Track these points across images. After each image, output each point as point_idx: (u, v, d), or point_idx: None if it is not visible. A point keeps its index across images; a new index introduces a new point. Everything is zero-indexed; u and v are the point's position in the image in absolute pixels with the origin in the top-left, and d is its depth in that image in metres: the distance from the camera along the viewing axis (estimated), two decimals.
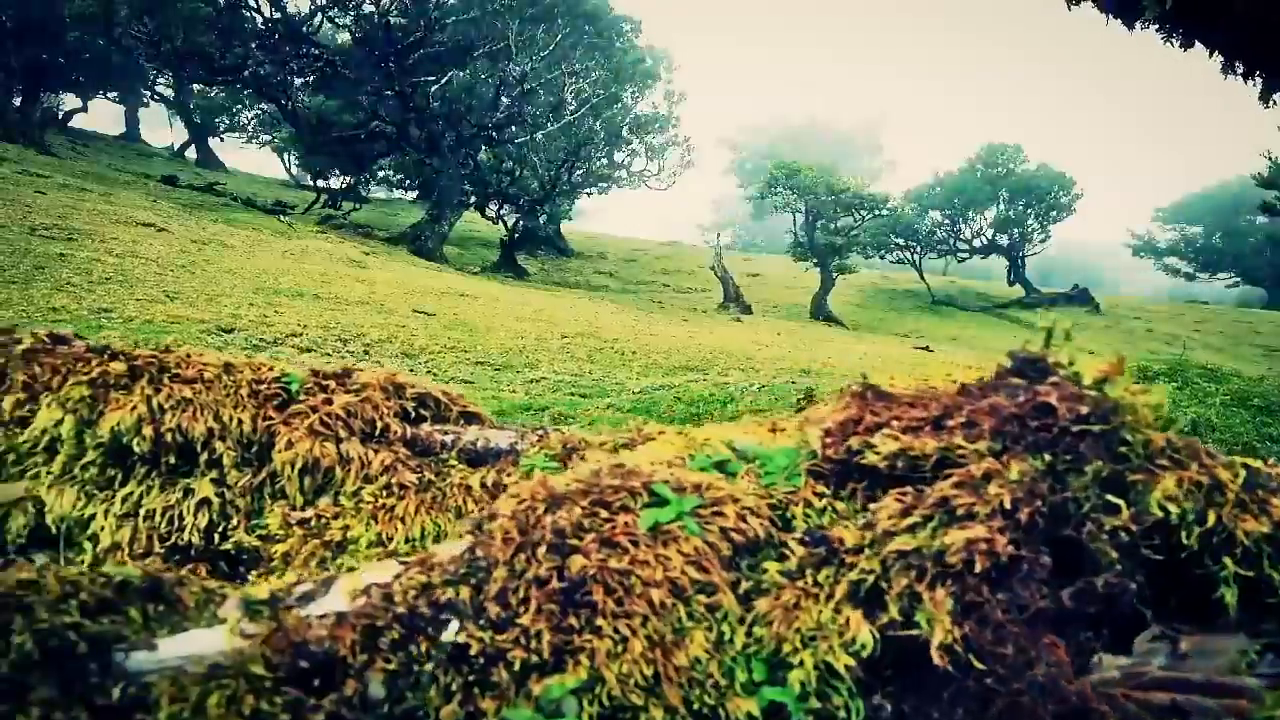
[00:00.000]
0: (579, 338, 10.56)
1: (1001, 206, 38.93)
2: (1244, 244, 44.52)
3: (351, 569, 0.77)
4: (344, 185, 32.70)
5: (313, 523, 0.92)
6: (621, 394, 6.60)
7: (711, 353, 10.57)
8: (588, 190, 38.48)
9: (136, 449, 0.91)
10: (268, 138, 38.06)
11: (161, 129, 51.08)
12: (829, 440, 0.97)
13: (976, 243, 40.09)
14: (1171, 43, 4.94)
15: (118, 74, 33.75)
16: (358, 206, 32.33)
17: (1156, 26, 4.83)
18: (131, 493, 0.90)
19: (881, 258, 37.50)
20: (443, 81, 26.21)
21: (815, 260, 30.14)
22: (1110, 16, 5.13)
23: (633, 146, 39.08)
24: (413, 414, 1.04)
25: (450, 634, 0.72)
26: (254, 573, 0.90)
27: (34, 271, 9.27)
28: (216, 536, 0.90)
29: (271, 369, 1.03)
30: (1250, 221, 45.38)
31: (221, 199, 27.82)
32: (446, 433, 1.02)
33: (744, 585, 0.82)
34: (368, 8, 25.80)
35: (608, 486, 0.81)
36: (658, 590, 0.75)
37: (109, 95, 41.69)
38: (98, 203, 17.23)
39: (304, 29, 25.73)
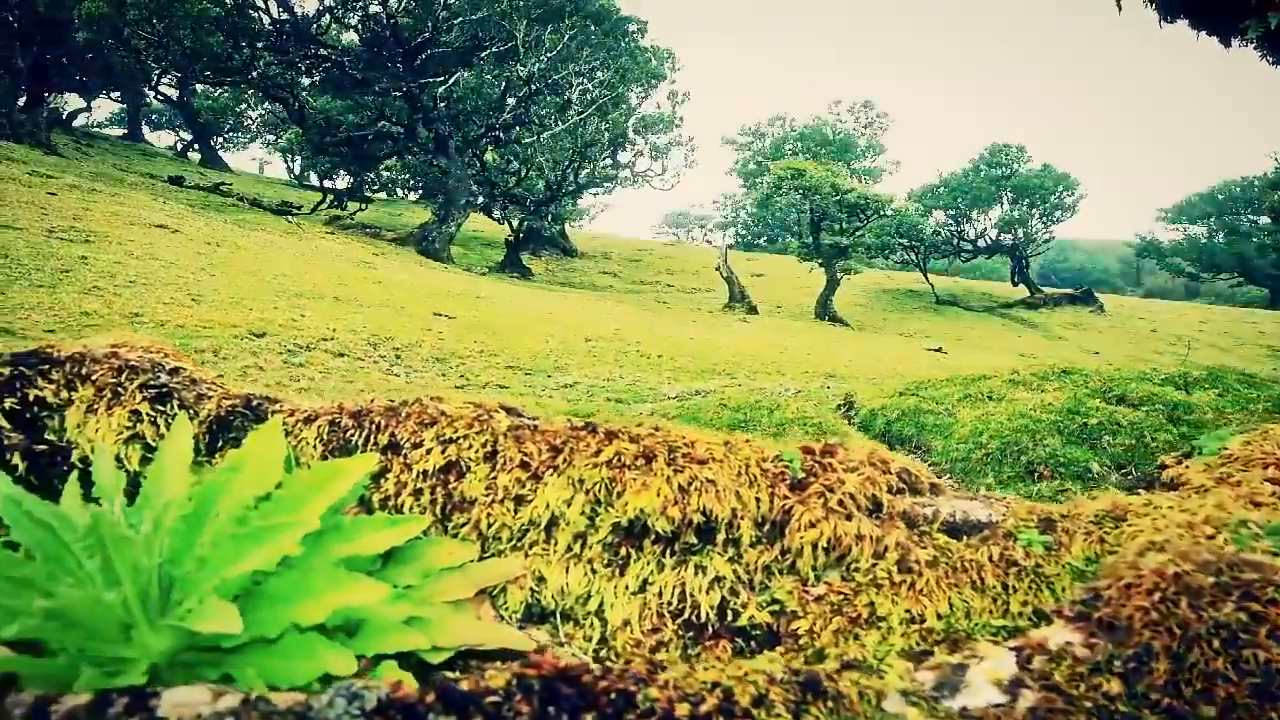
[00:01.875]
0: (602, 341, 10.57)
1: (1005, 206, 38.99)
2: (1247, 244, 44.58)
3: (953, 659, 0.75)
4: (350, 185, 32.69)
5: (830, 599, 0.92)
6: (659, 400, 6.61)
7: (735, 355, 10.58)
8: (593, 190, 38.49)
9: (657, 529, 0.92)
10: (272, 137, 38.01)
11: (162, 129, 51.00)
12: None
13: (980, 243, 40.16)
14: (1267, 60, 4.93)
15: (121, 74, 33.70)
16: (363, 207, 32.33)
17: (1254, 46, 4.83)
18: (642, 570, 0.90)
19: (886, 258, 37.51)
20: (450, 82, 26.21)
21: (820, 261, 30.15)
22: (1203, 35, 5.12)
23: (637, 146, 39.13)
24: (895, 488, 1.04)
25: None
26: (778, 649, 0.90)
27: (60, 275, 9.26)
28: (729, 613, 0.90)
29: (769, 450, 1.00)
30: (1253, 222, 45.46)
31: (228, 199, 27.81)
32: (926, 505, 1.02)
33: None
34: (375, 8, 25.78)
35: (1255, 579, 0.77)
36: None
37: (112, 95, 41.63)
38: (109, 204, 17.21)
39: (312, 29, 25.71)
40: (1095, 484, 5.21)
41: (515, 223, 32.50)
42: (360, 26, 26.63)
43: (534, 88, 26.73)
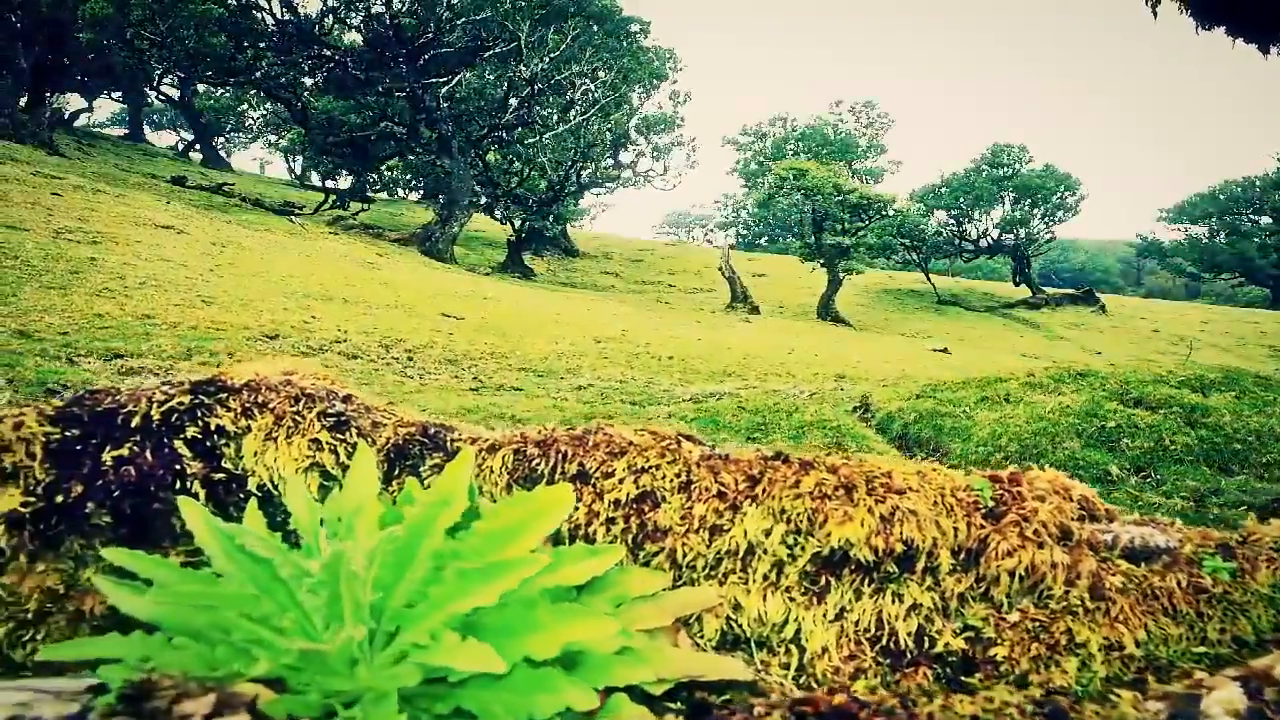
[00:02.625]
0: (612, 342, 10.57)
1: (1007, 206, 39.01)
2: (1248, 244, 44.61)
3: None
4: (352, 186, 32.67)
5: (1025, 625, 0.93)
6: (674, 402, 6.62)
7: (744, 356, 10.58)
8: (595, 190, 38.52)
9: (858, 558, 0.92)
10: (274, 138, 37.99)
11: (163, 129, 50.98)
12: None
13: (982, 243, 40.18)
14: None
15: (123, 74, 33.67)
16: (365, 207, 32.33)
17: None
18: (840, 598, 0.91)
19: (887, 258, 37.52)
20: (453, 82, 26.20)
21: (823, 261, 30.15)
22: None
23: (639, 146, 39.14)
24: (1078, 515, 1.05)
25: None
26: (976, 675, 0.90)
27: (70, 276, 9.26)
28: (925, 640, 0.91)
29: (960, 481, 1.00)
30: (1254, 222, 45.50)
31: (231, 199, 27.80)
32: (1104, 531, 1.02)
33: None
34: (377, 9, 25.76)
35: None
36: None
37: (113, 95, 41.61)
38: (114, 204, 17.19)
39: (315, 30, 25.70)
40: (1115, 487, 5.22)
41: (517, 223, 32.50)
42: (363, 27, 26.62)
43: (537, 88, 26.72)
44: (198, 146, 44.51)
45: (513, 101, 27.45)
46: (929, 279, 37.38)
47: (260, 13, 24.98)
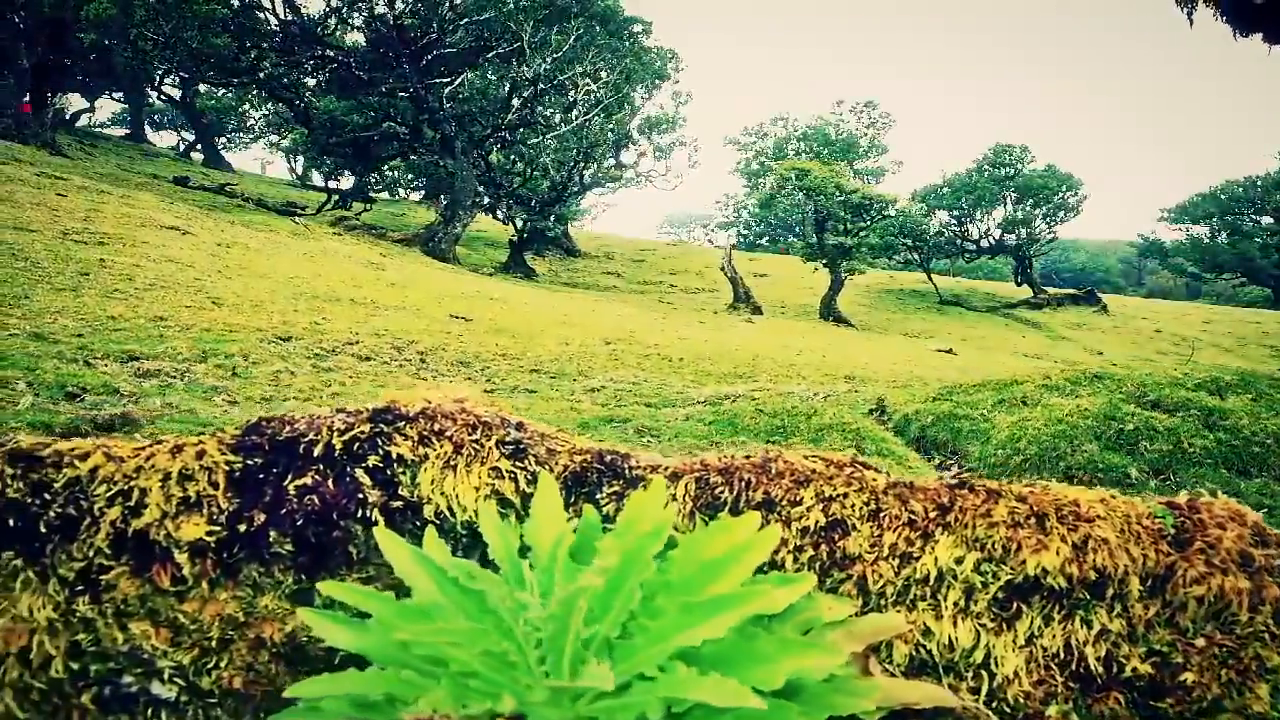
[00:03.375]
0: (621, 343, 10.57)
1: (1009, 207, 39.05)
2: (1250, 244, 44.64)
3: None
4: (354, 186, 32.67)
5: (1212, 651, 0.93)
6: (689, 404, 6.62)
7: (753, 357, 10.59)
8: (598, 190, 38.54)
9: (1051, 585, 0.93)
10: (275, 138, 37.98)
11: (164, 129, 50.94)
12: None
13: (984, 243, 40.22)
14: None
15: (124, 74, 33.66)
16: (368, 207, 32.33)
17: None
18: (1029, 624, 0.92)
19: (889, 258, 37.54)
20: (456, 83, 26.20)
21: (825, 261, 30.16)
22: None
23: (640, 147, 39.16)
24: (1254, 541, 1.06)
25: None
26: (1167, 700, 0.91)
27: (80, 278, 9.25)
28: (1113, 665, 0.92)
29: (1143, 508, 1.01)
30: (1256, 222, 45.53)
31: (233, 200, 27.80)
32: (1275, 557, 1.03)
33: None
34: (380, 9, 25.76)
35: None
36: None
37: (115, 95, 41.59)
38: (119, 205, 17.18)
39: (318, 30, 25.69)
40: (1135, 490, 5.22)
41: (519, 223, 32.50)
42: (366, 27, 26.62)
43: (539, 88, 26.73)
44: (199, 147, 44.51)
45: (515, 102, 27.45)
46: (930, 279, 37.41)
47: (263, 13, 24.98)
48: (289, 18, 25.01)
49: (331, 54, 25.87)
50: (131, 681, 0.82)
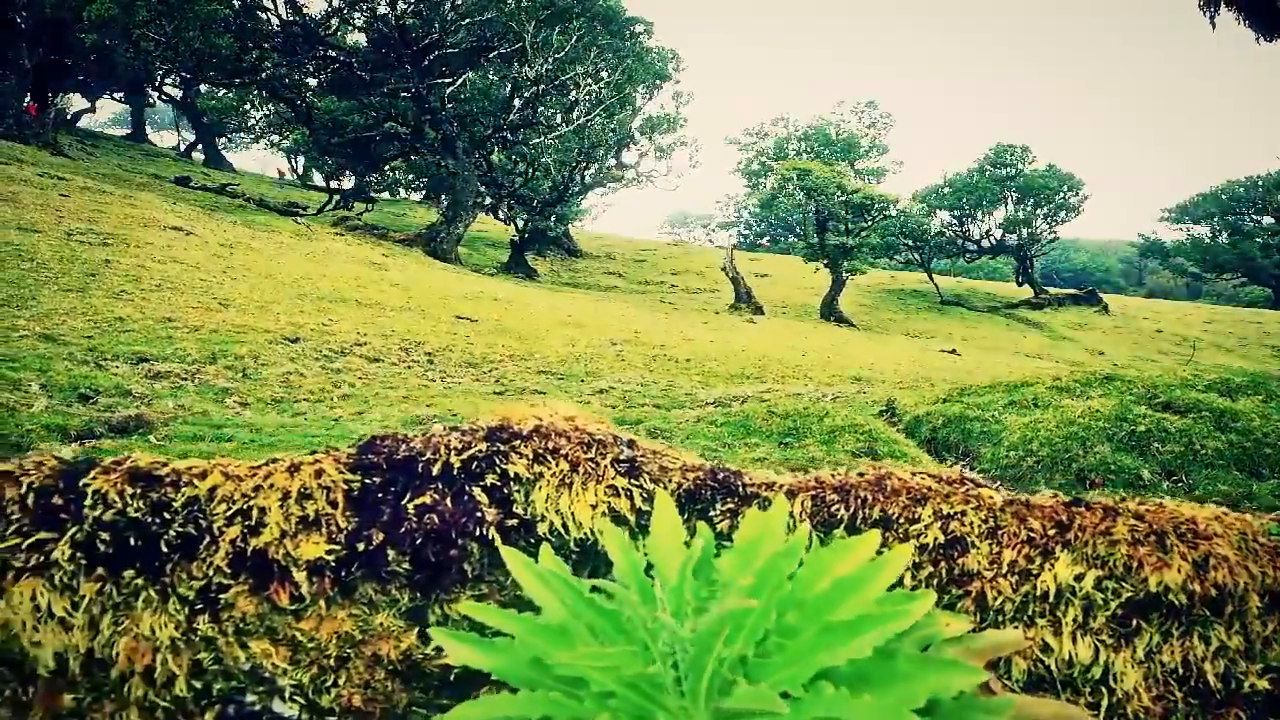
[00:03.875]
0: (627, 344, 10.57)
1: (1010, 207, 39.07)
2: (1251, 244, 44.67)
3: None
4: (355, 186, 32.66)
5: None
6: (698, 405, 6.62)
7: (758, 358, 10.59)
8: (599, 190, 38.54)
9: (1171, 602, 0.94)
10: (277, 138, 37.95)
11: (165, 129, 50.93)
12: None
13: (985, 243, 40.23)
14: None
15: (125, 74, 33.62)
16: (369, 207, 32.31)
17: None
18: (1148, 641, 0.93)
19: (890, 258, 37.56)
20: (457, 83, 26.20)
21: (826, 261, 30.15)
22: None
23: (641, 146, 39.15)
24: None
25: None
26: None
27: (87, 278, 9.25)
28: (1232, 682, 0.93)
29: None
30: (1257, 222, 45.56)
31: (235, 200, 27.78)
32: None
33: None
34: (382, 9, 25.76)
35: None
36: None
37: (115, 95, 41.57)
38: (122, 205, 17.17)
39: (319, 31, 25.69)
40: (1147, 492, 5.23)
41: (521, 223, 32.49)
42: (368, 28, 26.62)
43: (541, 89, 26.73)
44: (200, 147, 44.50)
45: (517, 102, 27.45)
46: (932, 279, 37.41)
47: (265, 13, 24.97)
48: (291, 18, 25.00)
49: (333, 54, 25.87)
50: (254, 700, 0.83)
